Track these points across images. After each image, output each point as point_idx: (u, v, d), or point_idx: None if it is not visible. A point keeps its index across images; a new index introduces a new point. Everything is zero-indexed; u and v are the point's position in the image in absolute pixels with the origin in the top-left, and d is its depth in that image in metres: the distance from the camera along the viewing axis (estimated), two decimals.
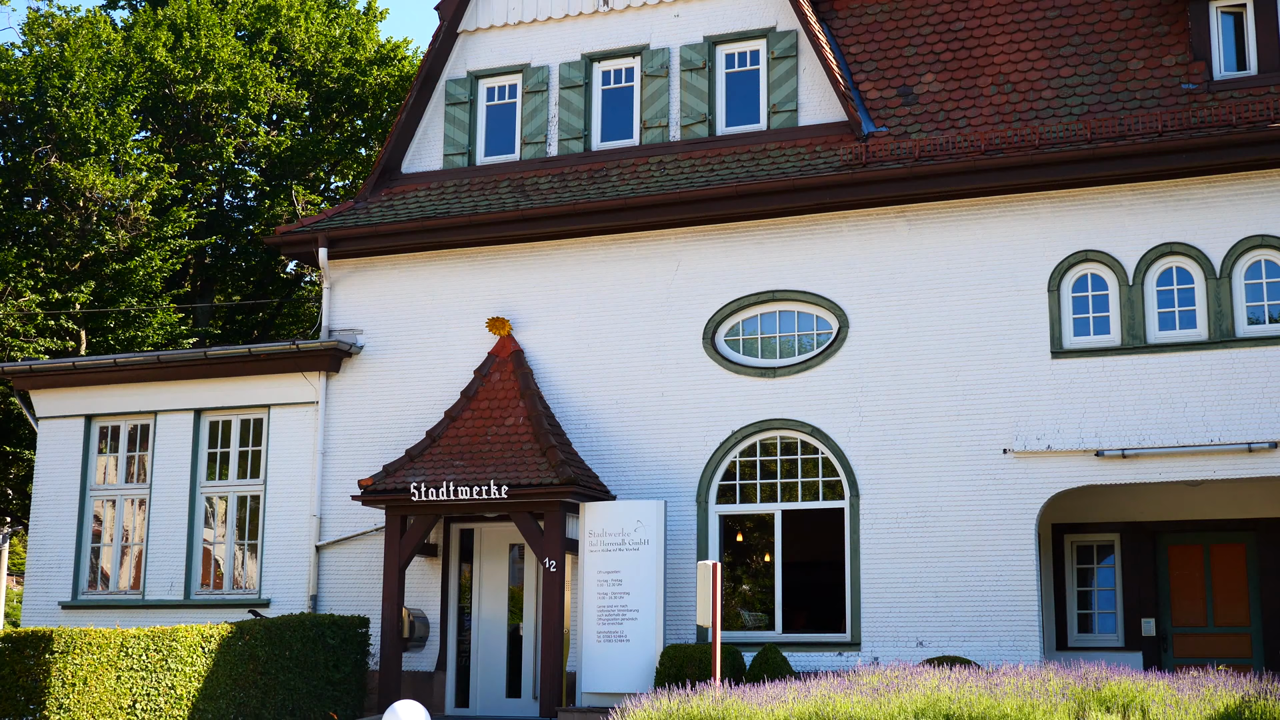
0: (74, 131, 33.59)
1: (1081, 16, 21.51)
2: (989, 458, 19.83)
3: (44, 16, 37.24)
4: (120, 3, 43.63)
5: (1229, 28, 20.49)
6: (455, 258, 22.99)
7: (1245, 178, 19.44)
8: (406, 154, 24.10)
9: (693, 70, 22.59)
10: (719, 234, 21.63)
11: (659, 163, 22.35)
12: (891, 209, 20.85)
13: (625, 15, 23.22)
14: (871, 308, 20.72)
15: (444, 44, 23.91)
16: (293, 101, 38.77)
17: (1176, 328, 19.50)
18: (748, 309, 21.43)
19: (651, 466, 21.35)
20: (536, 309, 22.40)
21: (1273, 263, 19.22)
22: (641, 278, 21.93)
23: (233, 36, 38.21)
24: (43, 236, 34.26)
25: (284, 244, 23.94)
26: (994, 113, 21.03)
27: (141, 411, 24.16)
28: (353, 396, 23.09)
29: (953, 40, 22.02)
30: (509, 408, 21.71)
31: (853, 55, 22.34)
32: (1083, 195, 20.06)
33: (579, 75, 23.19)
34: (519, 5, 23.79)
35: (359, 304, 23.42)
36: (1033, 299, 20.03)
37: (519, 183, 23.03)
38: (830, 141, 21.58)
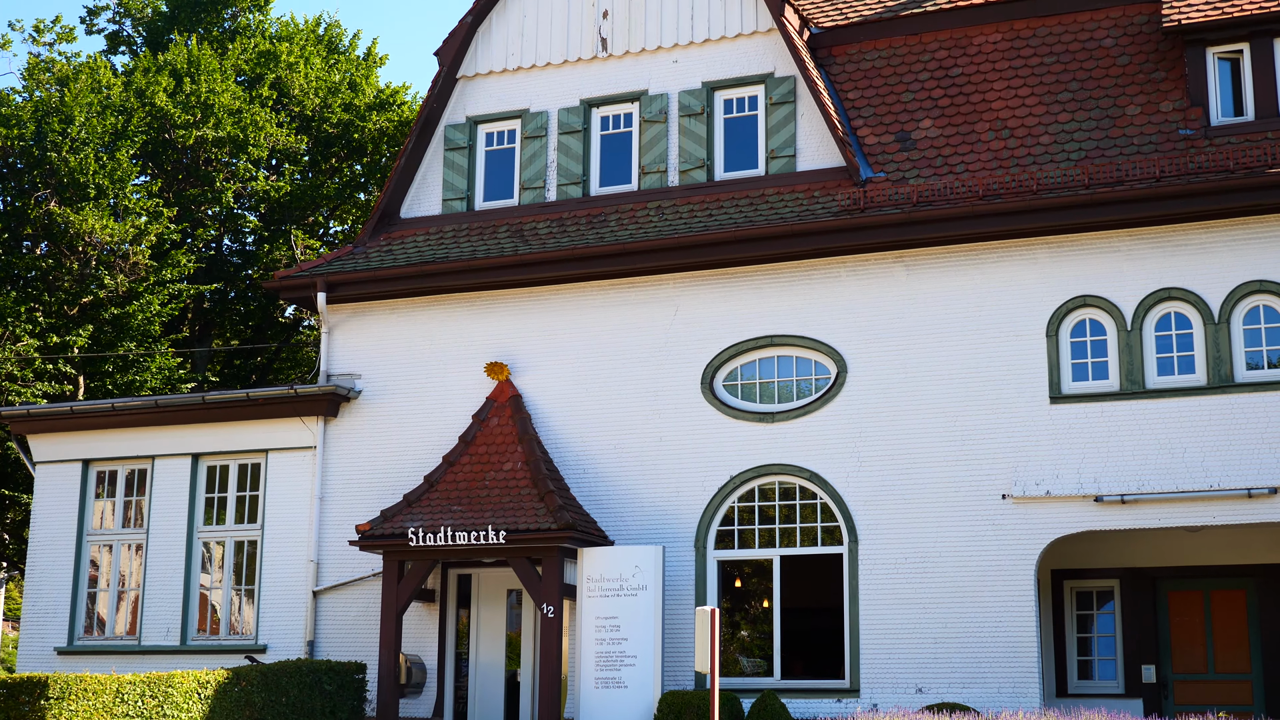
0: (73, 176, 33.64)
1: (1079, 63, 21.58)
2: (988, 503, 19.78)
3: (45, 62, 37.35)
4: (121, 48, 43.82)
5: (1226, 74, 20.56)
6: (454, 302, 22.99)
7: (1243, 223, 19.47)
8: (405, 199, 24.14)
9: (691, 116, 22.66)
10: (717, 279, 21.64)
11: (657, 208, 22.39)
12: (890, 254, 20.87)
13: (624, 61, 23.30)
14: (870, 353, 20.71)
15: (443, 89, 23.99)
16: (292, 146, 38.85)
17: (1175, 373, 19.48)
18: (746, 354, 21.42)
19: (650, 511, 21.30)
20: (535, 354, 22.39)
21: (1271, 308, 19.23)
22: (640, 323, 21.93)
23: (233, 82, 38.32)
24: (41, 281, 34.26)
25: (282, 289, 23.95)
26: (992, 158, 21.08)
27: (139, 456, 24.11)
28: (350, 441, 23.05)
29: (950, 86, 22.09)
30: (507, 453, 21.67)
31: (851, 101, 22.40)
32: (1081, 240, 20.08)
33: (578, 120, 23.25)
34: (518, 51, 23.88)
35: (357, 349, 23.42)
36: (1031, 344, 20.02)
37: (518, 228, 23.05)
38: (828, 187, 21.62)
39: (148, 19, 43.27)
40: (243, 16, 43.23)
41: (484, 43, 24.09)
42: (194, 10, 42.88)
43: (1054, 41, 21.87)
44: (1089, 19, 21.87)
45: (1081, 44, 21.71)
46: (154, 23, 43.10)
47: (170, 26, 42.62)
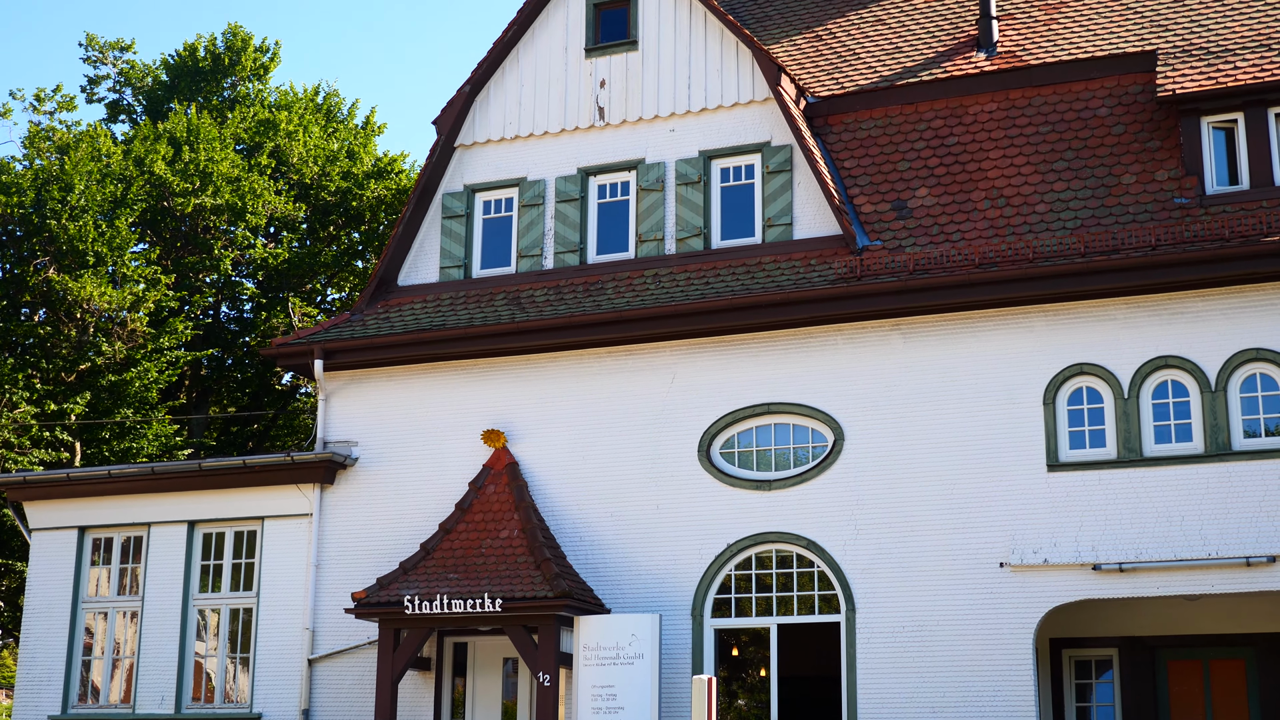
0: (72, 243, 33.74)
1: (1074, 131, 21.70)
2: (985, 571, 19.72)
3: (45, 130, 37.56)
4: (121, 117, 44.06)
5: (1220, 143, 20.67)
6: (451, 370, 23.01)
7: (1239, 291, 19.52)
8: (403, 266, 24.20)
9: (688, 184, 22.76)
10: (714, 347, 21.67)
11: (654, 276, 22.45)
12: (886, 322, 20.91)
13: (621, 130, 23.43)
14: (867, 420, 20.71)
15: (441, 158, 24.10)
16: (290, 214, 38.99)
17: (1172, 441, 19.48)
18: (743, 421, 21.41)
19: (646, 579, 21.23)
20: (532, 421, 22.38)
21: (1268, 376, 19.25)
22: (637, 390, 21.94)
23: (232, 150, 38.52)
24: (39, 348, 34.30)
25: (280, 356, 23.97)
26: (988, 226, 21.16)
27: (135, 523, 24.05)
28: (347, 508, 23.01)
29: (946, 155, 22.21)
30: (504, 520, 21.63)
31: (847, 169, 22.51)
32: (1077, 308, 20.12)
33: (575, 189, 23.36)
34: (516, 120, 24.01)
35: (354, 416, 23.41)
36: (1028, 412, 20.03)
37: (515, 295, 23.11)
38: (825, 255, 21.69)
39: (148, 88, 43.55)
40: (242, 86, 43.54)
41: (482, 111, 24.23)
42: (194, 79, 43.18)
43: (1049, 111, 22.01)
44: (1084, 88, 22.01)
45: (1077, 113, 21.84)
46: (154, 92, 43.38)
47: (170, 95, 42.89)
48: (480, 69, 24.18)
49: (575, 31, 24.03)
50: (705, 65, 23.16)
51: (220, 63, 43.45)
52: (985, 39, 23.62)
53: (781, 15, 26.46)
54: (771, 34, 25.72)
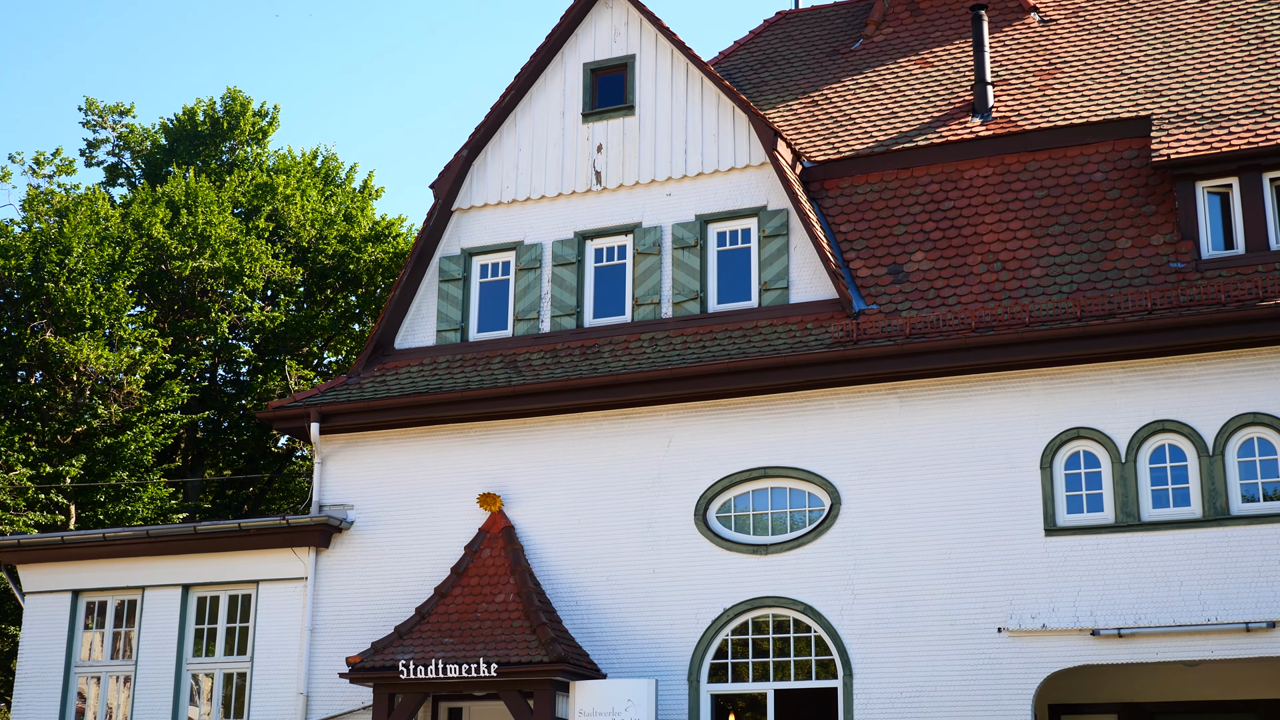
0: (70, 306, 33.77)
1: (1069, 196, 21.77)
2: (983, 636, 19.62)
3: (44, 193, 37.66)
4: (120, 180, 44.21)
5: (1215, 207, 20.73)
6: (447, 433, 22.96)
7: (1235, 355, 19.52)
8: (400, 330, 24.21)
9: (684, 248, 22.80)
10: (711, 410, 21.65)
11: (651, 339, 22.45)
12: (883, 386, 20.90)
13: (618, 194, 23.50)
14: (864, 485, 20.66)
15: (438, 221, 24.16)
16: (287, 277, 39.05)
17: (1170, 505, 19.42)
18: (740, 485, 21.36)
19: (642, 644, 21.11)
20: (528, 485, 22.33)
21: (1266, 440, 19.22)
22: (633, 454, 21.89)
23: (229, 213, 38.62)
24: (35, 410, 34.25)
25: (276, 419, 23.93)
26: (984, 291, 21.18)
27: (129, 587, 23.93)
28: (342, 572, 22.90)
29: (942, 219, 22.26)
30: (499, 584, 21.53)
31: (843, 234, 22.56)
32: (1074, 373, 20.12)
33: (572, 252, 23.40)
34: (513, 184, 24.09)
35: (350, 479, 23.34)
36: (1025, 476, 19.98)
37: (511, 358, 23.10)
38: (821, 319, 21.70)
39: (147, 152, 43.74)
40: (241, 149, 43.72)
41: (479, 176, 24.31)
42: (193, 143, 43.38)
43: (1044, 176, 22.08)
44: (1079, 153, 22.10)
45: (1072, 178, 21.92)
46: (153, 155, 43.57)
47: (169, 159, 43.08)
48: (478, 133, 24.28)
49: (572, 96, 24.15)
50: (702, 130, 23.26)
51: (219, 126, 43.67)
52: (981, 104, 23.73)
53: (778, 81, 26.59)
54: (768, 99, 25.84)
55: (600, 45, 24.26)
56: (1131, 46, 24.41)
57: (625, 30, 24.15)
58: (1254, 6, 24.41)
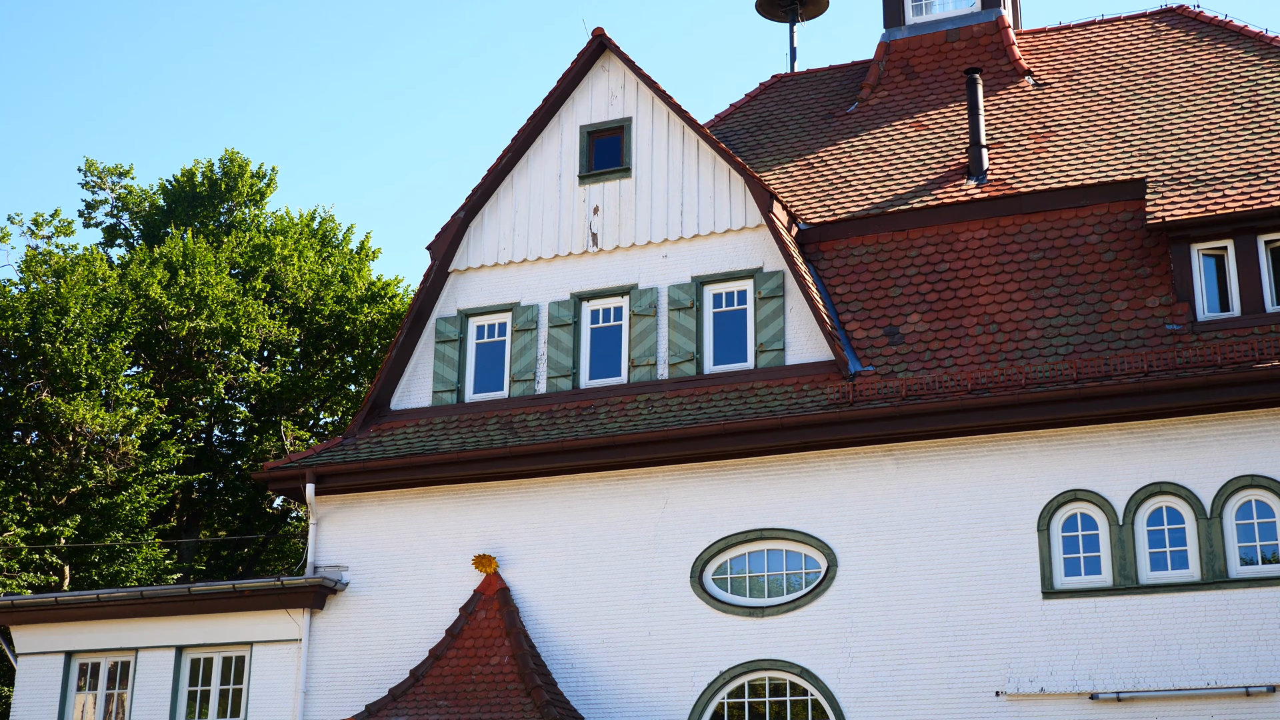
0: (66, 367, 33.75)
1: (1065, 258, 21.81)
2: (981, 700, 19.51)
3: (42, 254, 37.69)
4: (118, 241, 44.29)
5: (1211, 269, 20.76)
6: (443, 494, 22.91)
7: (1232, 417, 19.51)
8: (396, 391, 24.19)
9: (680, 309, 22.82)
10: (707, 472, 21.61)
11: (647, 401, 22.44)
12: (879, 448, 20.87)
13: (614, 256, 23.54)
14: (860, 547, 20.59)
15: (435, 283, 24.18)
16: (284, 338, 39.06)
17: (1169, 568, 19.35)
18: (736, 547, 21.29)
19: (638, 707, 20.97)
20: (523, 546, 22.25)
21: (1263, 503, 19.18)
22: (629, 515, 21.83)
23: (227, 274, 38.66)
24: (30, 471, 34.17)
25: (271, 479, 23.88)
26: (980, 352, 21.19)
27: (123, 648, 23.79)
28: (337, 634, 22.79)
29: (938, 281, 22.29)
30: (494, 646, 21.42)
31: (839, 295, 22.59)
32: (1070, 435, 20.10)
33: (568, 314, 23.41)
34: (509, 246, 24.13)
35: (345, 540, 23.27)
36: (1022, 538, 19.92)
37: (507, 420, 23.07)
38: (817, 380, 21.69)
39: (145, 212, 43.84)
40: (239, 210, 43.83)
41: (476, 237, 24.35)
42: (191, 204, 43.50)
43: (1039, 238, 22.13)
44: (1074, 216, 22.16)
45: (1067, 240, 21.97)
46: (151, 216, 43.67)
47: (167, 220, 43.18)
48: (475, 195, 24.35)
49: (569, 158, 24.23)
50: (698, 192, 23.33)
51: (217, 188, 43.80)
52: (975, 167, 23.82)
53: (773, 143, 26.69)
54: (763, 161, 25.94)
55: (597, 108, 24.37)
56: (1125, 110, 24.53)
57: (622, 93, 24.27)
58: (1247, 70, 24.55)
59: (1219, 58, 25.18)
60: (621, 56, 24.20)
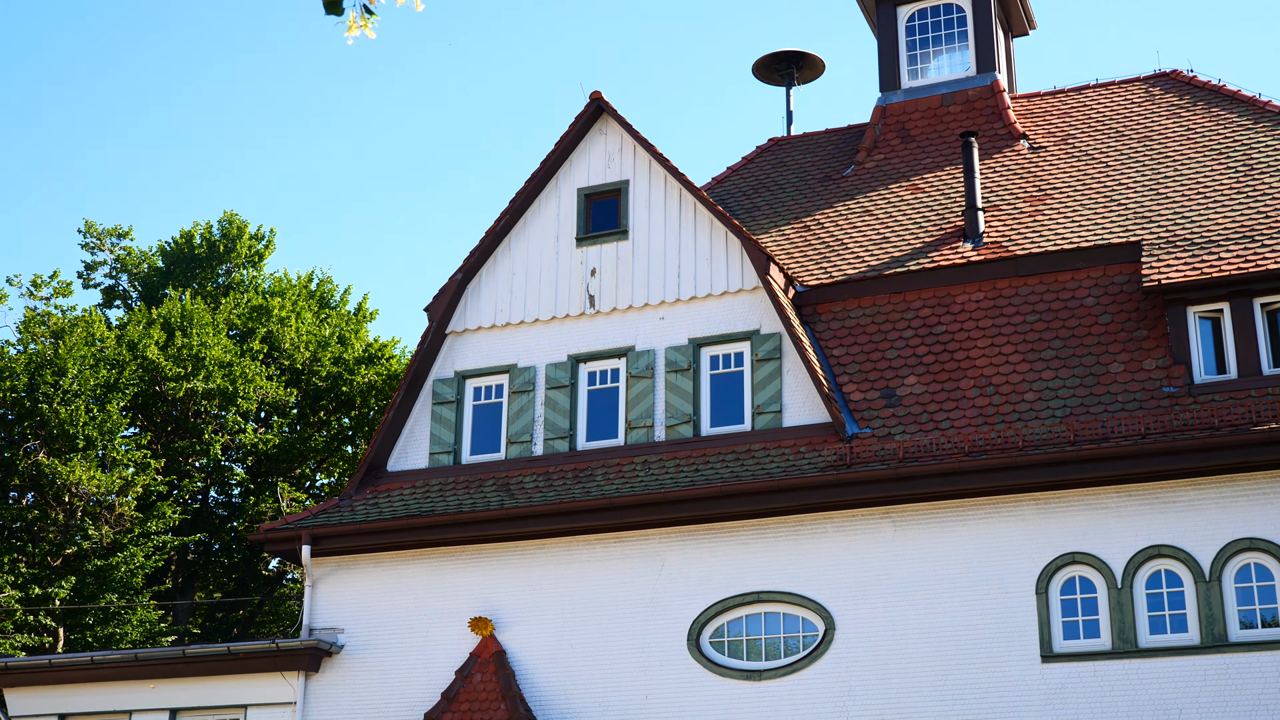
0: (63, 428, 33.73)
1: (1061, 321, 21.84)
2: None
3: (40, 315, 37.74)
4: (116, 302, 44.36)
5: (1207, 332, 20.79)
6: (439, 556, 22.84)
7: (1230, 480, 19.48)
8: (392, 452, 24.15)
9: (677, 371, 22.83)
10: (704, 534, 21.55)
11: (644, 462, 22.41)
12: (877, 510, 20.83)
13: (611, 318, 23.56)
14: (858, 610, 20.52)
15: (432, 344, 24.20)
16: (281, 399, 39.05)
17: (1168, 631, 19.27)
18: (733, 610, 21.21)
19: None
20: (520, 608, 22.16)
21: (1263, 566, 19.12)
22: (626, 578, 21.76)
23: (224, 335, 38.71)
24: (26, 532, 34.08)
25: (267, 541, 23.80)
26: (977, 415, 21.19)
27: (117, 711, 23.63)
28: (332, 697, 22.65)
29: (934, 343, 22.32)
30: (490, 710, 21.30)
31: (835, 357, 22.61)
32: (1068, 497, 20.07)
33: (565, 376, 23.42)
34: (507, 307, 24.16)
35: (341, 602, 23.18)
36: (1021, 601, 19.85)
37: (504, 481, 23.04)
38: (814, 442, 21.67)
39: (144, 274, 43.92)
40: (237, 272, 43.92)
41: (473, 299, 24.39)
42: (189, 266, 43.59)
43: (1036, 300, 22.18)
44: (1070, 278, 22.22)
45: (1064, 303, 22.01)
46: (149, 278, 43.75)
47: (166, 281, 43.27)
48: (472, 257, 24.40)
49: (566, 221, 24.31)
50: (695, 254, 23.39)
51: (216, 249, 43.92)
52: (972, 230, 23.90)
53: (770, 206, 26.79)
54: (760, 224, 26.02)
55: (594, 170, 24.46)
56: (1121, 173, 24.64)
57: (619, 156, 24.37)
58: (1240, 134, 24.68)
59: (1213, 122, 25.32)
60: (619, 120, 24.32)
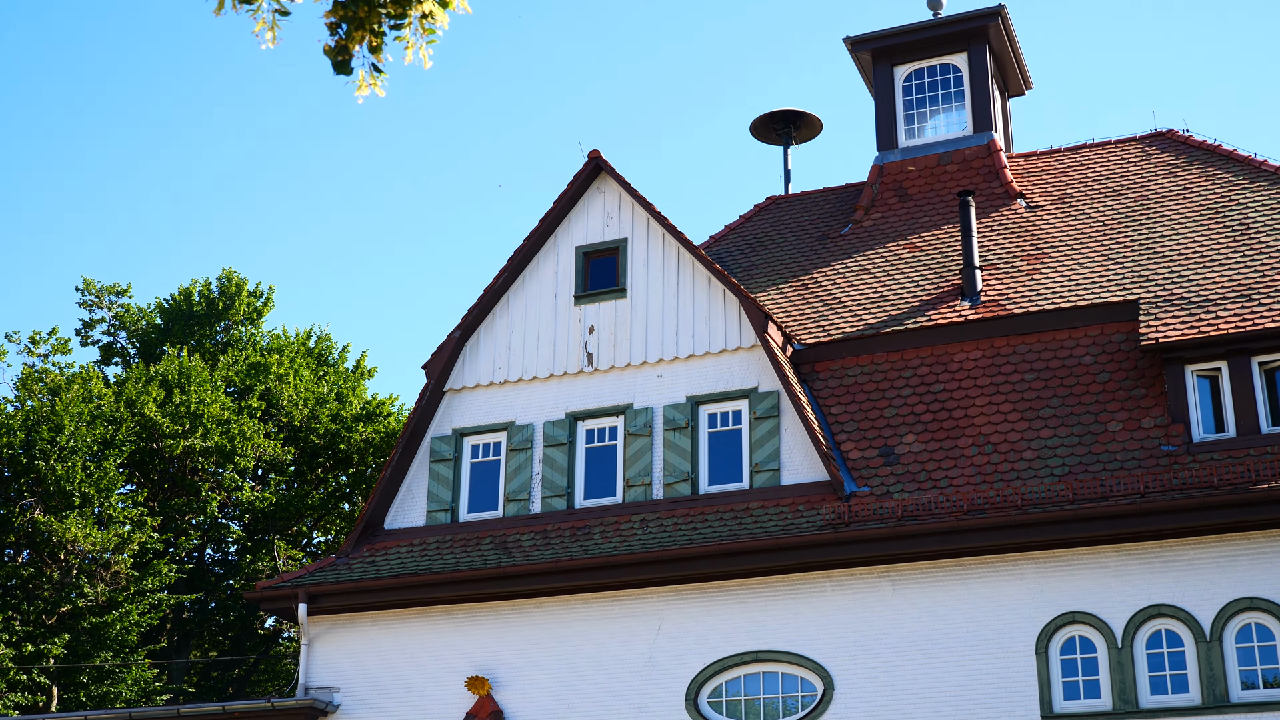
0: (60, 484, 33.64)
1: (1059, 379, 21.84)
2: None
3: (38, 372, 37.72)
4: (114, 359, 44.35)
5: (1205, 391, 20.78)
6: (436, 614, 22.73)
7: (1230, 539, 19.42)
8: (390, 510, 24.09)
9: (676, 429, 22.80)
10: (702, 593, 21.46)
11: (642, 521, 22.34)
12: (875, 569, 20.75)
13: (609, 375, 23.56)
14: (857, 669, 20.40)
15: (430, 402, 24.17)
16: (279, 457, 38.99)
17: (1169, 692, 19.16)
18: (731, 669, 21.10)
19: None
20: (517, 667, 22.04)
21: (1264, 626, 19.03)
22: (623, 636, 21.66)
23: (222, 393, 38.68)
24: (21, 589, 33.93)
25: (263, 599, 23.69)
26: (975, 473, 21.15)
27: None
28: None
29: (933, 402, 22.30)
30: None
31: (834, 415, 22.59)
32: (1067, 556, 19.99)
33: (563, 433, 23.38)
34: (505, 365, 24.16)
35: (337, 661, 23.05)
36: (1020, 661, 19.75)
37: (501, 540, 22.96)
38: (813, 501, 21.62)
39: (142, 331, 43.94)
40: (235, 329, 43.94)
41: (471, 357, 24.39)
42: (188, 323, 43.61)
43: (1034, 359, 22.19)
44: (1067, 337, 22.23)
45: (1061, 361, 22.02)
46: (148, 335, 43.76)
47: (164, 338, 43.28)
48: (470, 315, 24.41)
49: (565, 278, 24.33)
50: (693, 312, 23.41)
51: (214, 306, 43.96)
52: (969, 288, 23.93)
53: (768, 264, 26.83)
54: (758, 282, 26.05)
55: (593, 228, 24.51)
56: (1117, 231, 24.70)
57: (617, 214, 24.42)
58: (1236, 193, 24.76)
59: (1209, 181, 25.41)
60: (617, 178, 24.39)
